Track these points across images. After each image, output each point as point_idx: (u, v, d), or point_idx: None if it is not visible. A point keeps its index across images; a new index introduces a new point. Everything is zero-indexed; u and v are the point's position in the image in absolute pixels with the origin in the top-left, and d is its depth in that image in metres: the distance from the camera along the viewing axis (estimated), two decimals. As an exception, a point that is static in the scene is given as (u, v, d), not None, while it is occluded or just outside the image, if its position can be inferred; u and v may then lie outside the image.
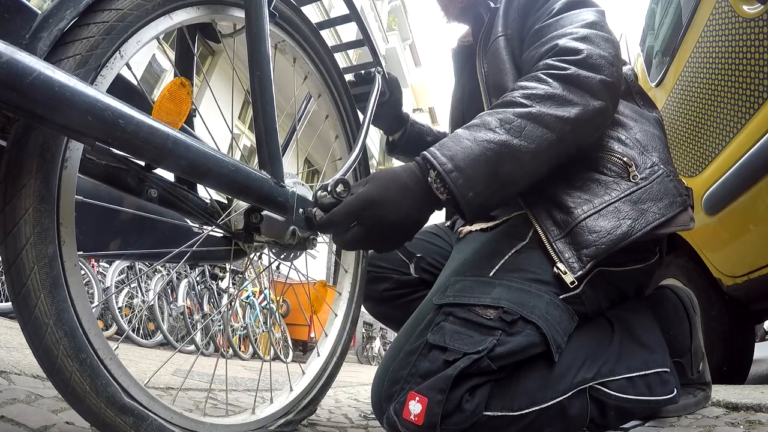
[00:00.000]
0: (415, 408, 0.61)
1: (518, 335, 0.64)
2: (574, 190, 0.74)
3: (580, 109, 0.67)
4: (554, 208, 0.74)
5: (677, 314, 0.83)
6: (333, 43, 1.02)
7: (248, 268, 3.12)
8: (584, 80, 0.69)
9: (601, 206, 0.71)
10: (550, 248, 0.71)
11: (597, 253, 0.68)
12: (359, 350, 8.97)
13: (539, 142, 0.65)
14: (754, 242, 1.26)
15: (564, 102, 0.67)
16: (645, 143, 0.78)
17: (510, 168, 0.65)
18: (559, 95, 0.68)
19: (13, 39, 0.39)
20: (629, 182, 0.73)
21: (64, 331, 0.46)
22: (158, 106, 0.56)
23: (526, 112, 0.67)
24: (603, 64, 0.70)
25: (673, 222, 0.72)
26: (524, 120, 0.66)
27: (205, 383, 1.62)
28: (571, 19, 0.78)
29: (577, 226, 0.70)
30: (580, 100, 0.68)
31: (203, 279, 4.38)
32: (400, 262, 1.05)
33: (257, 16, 0.67)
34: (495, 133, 0.65)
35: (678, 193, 0.75)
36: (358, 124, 1.07)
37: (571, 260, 0.69)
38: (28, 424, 0.64)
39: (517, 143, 0.65)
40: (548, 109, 0.67)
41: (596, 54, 0.70)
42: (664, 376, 0.71)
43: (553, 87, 0.68)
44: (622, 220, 0.70)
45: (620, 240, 0.69)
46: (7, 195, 0.44)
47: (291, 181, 0.71)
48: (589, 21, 0.77)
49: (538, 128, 0.66)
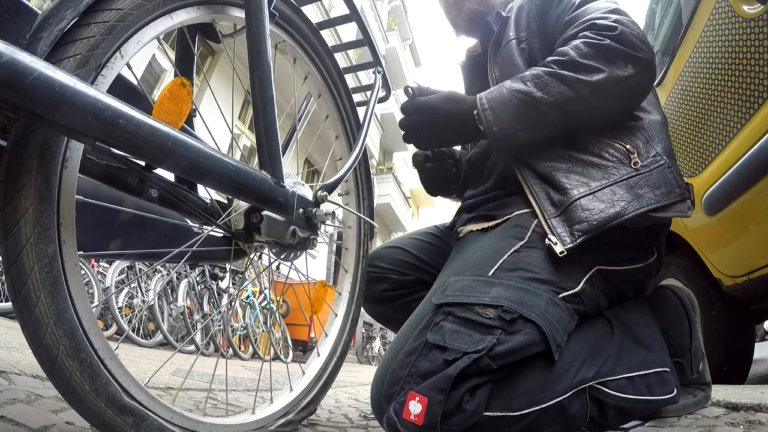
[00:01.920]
0: (415, 408, 0.61)
1: (518, 334, 0.64)
2: (573, 174, 0.78)
3: (604, 76, 0.76)
4: (552, 190, 0.78)
5: (677, 314, 0.83)
6: (333, 43, 1.02)
7: (248, 268, 3.12)
8: (617, 51, 0.76)
9: (596, 189, 0.74)
10: (545, 224, 0.75)
11: (588, 229, 0.71)
12: (359, 350, 8.96)
13: (557, 96, 0.77)
14: (754, 242, 1.26)
15: (589, 68, 0.76)
16: (651, 134, 0.80)
17: (531, 114, 0.78)
18: (586, 63, 0.77)
19: (13, 39, 0.39)
20: (629, 168, 0.76)
21: (64, 331, 0.46)
22: (158, 106, 0.56)
23: (553, 71, 0.78)
24: (636, 42, 0.77)
25: (669, 209, 0.73)
26: (550, 77, 0.78)
27: (205, 383, 1.62)
28: (597, 6, 0.87)
29: (572, 205, 0.74)
30: (606, 68, 0.76)
31: (203, 279, 4.38)
32: (400, 263, 1.06)
33: (257, 16, 0.67)
34: (525, 85, 0.79)
35: (677, 185, 0.75)
36: (359, 125, 1.07)
37: (563, 234, 0.72)
38: (28, 424, 0.64)
39: (539, 95, 0.78)
40: (572, 72, 0.77)
41: (629, 32, 0.77)
42: (664, 375, 0.71)
43: (585, 53, 0.77)
44: (616, 201, 0.72)
45: (612, 218, 0.70)
46: (7, 195, 0.44)
47: (291, 181, 0.71)
48: (613, 8, 0.84)
49: (560, 85, 0.77)
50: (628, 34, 0.77)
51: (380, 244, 1.19)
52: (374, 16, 12.31)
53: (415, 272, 1.05)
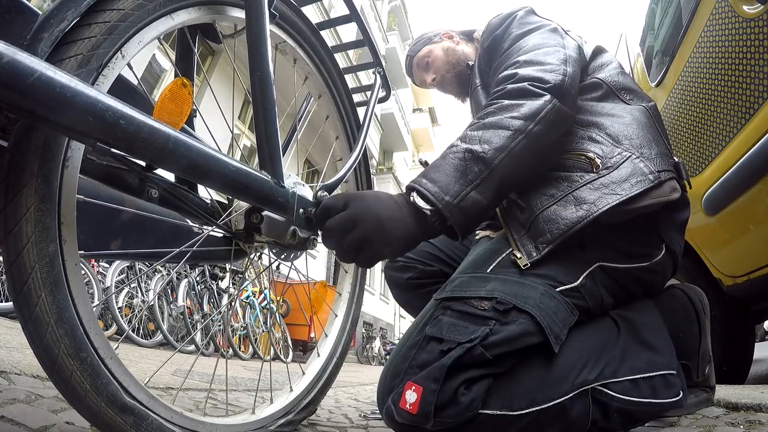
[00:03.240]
0: (411, 397, 0.62)
1: (512, 324, 0.65)
2: (537, 191, 0.78)
3: (527, 107, 0.74)
4: (519, 212, 0.78)
5: (687, 315, 0.82)
6: (333, 44, 1.02)
7: (248, 268, 3.12)
8: (521, 89, 0.76)
9: (559, 198, 0.74)
10: (513, 244, 0.76)
11: (552, 239, 0.71)
12: (359, 350, 8.97)
13: (496, 140, 0.71)
14: (754, 242, 1.26)
15: (510, 107, 0.75)
16: (617, 135, 0.79)
17: (477, 168, 0.70)
18: (504, 104, 0.75)
19: (14, 39, 0.39)
20: (592, 173, 0.75)
21: (65, 330, 0.46)
22: (159, 106, 0.56)
23: (480, 124, 0.75)
24: (538, 75, 0.77)
25: (643, 197, 0.71)
26: (480, 130, 0.74)
27: (205, 383, 1.63)
28: (515, 50, 0.88)
29: (535, 220, 0.74)
30: (524, 101, 0.75)
31: (203, 279, 4.38)
32: (426, 254, 1.12)
33: (258, 16, 0.67)
34: (458, 147, 0.73)
35: (648, 171, 0.73)
36: (359, 125, 1.07)
37: (529, 248, 0.73)
38: (28, 424, 0.64)
39: (478, 147, 0.71)
40: (498, 116, 0.74)
41: (529, 71, 0.78)
42: (670, 378, 0.69)
43: (498, 102, 0.76)
44: (578, 205, 0.72)
45: (576, 222, 0.70)
46: (8, 194, 0.44)
47: (291, 181, 0.71)
48: (529, 46, 0.86)
49: (493, 131, 0.73)
50: (527, 71, 0.78)
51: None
52: (374, 16, 12.31)
53: (439, 264, 1.10)
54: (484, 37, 1.03)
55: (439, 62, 1.22)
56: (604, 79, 0.88)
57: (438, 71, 1.23)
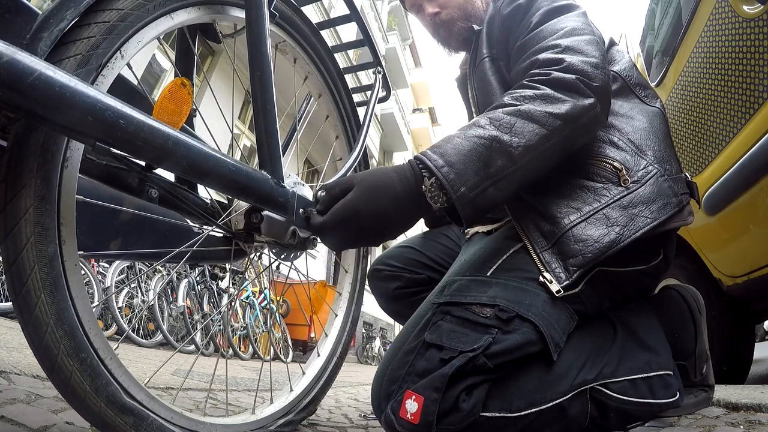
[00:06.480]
0: (412, 407, 0.61)
1: (514, 333, 0.64)
2: (562, 200, 0.73)
3: (570, 105, 0.67)
4: (541, 220, 0.73)
5: (682, 316, 0.82)
6: (333, 43, 1.02)
7: (248, 268, 3.12)
8: (570, 82, 0.69)
9: (589, 214, 0.71)
10: (537, 259, 0.71)
11: (584, 263, 0.68)
12: (359, 350, 8.96)
13: (530, 137, 0.65)
14: (754, 242, 1.26)
15: (553, 99, 0.68)
16: (639, 143, 0.77)
17: (502, 163, 0.64)
18: (547, 94, 0.68)
19: (13, 39, 0.39)
20: (620, 187, 0.72)
21: (65, 331, 0.46)
22: (159, 106, 0.56)
23: (515, 109, 0.67)
24: (587, 69, 0.70)
25: (667, 223, 0.72)
26: (514, 117, 0.66)
27: (205, 383, 1.62)
28: (550, 29, 0.79)
29: (564, 236, 0.70)
30: (569, 98, 0.68)
31: (203, 279, 4.38)
32: (412, 262, 1.09)
33: (258, 16, 0.67)
34: (485, 129, 0.65)
35: (673, 193, 0.73)
36: (359, 124, 1.07)
37: (557, 270, 0.69)
38: (28, 424, 0.64)
39: (507, 138, 0.64)
40: (537, 106, 0.67)
41: (578, 61, 0.71)
42: (667, 378, 0.70)
43: (541, 89, 0.69)
44: (610, 227, 0.69)
45: (608, 248, 0.68)
46: (7, 195, 0.44)
47: (291, 181, 0.71)
48: (568, 29, 0.77)
49: (528, 124, 0.66)
50: (577, 63, 0.70)
51: (393, 244, 1.20)
52: (374, 16, 12.30)
53: (427, 271, 1.08)
54: (503, 2, 0.90)
55: (454, 1, 1.02)
56: (620, 72, 0.85)
57: (445, 7, 1.02)
